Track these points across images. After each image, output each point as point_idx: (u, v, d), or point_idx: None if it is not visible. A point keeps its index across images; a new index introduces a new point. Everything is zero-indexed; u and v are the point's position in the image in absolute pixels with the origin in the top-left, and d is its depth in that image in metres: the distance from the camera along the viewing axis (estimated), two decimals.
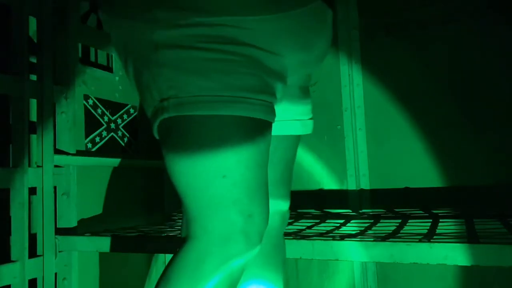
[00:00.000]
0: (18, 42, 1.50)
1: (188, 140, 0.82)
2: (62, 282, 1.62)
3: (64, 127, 1.67)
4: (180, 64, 0.82)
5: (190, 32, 0.81)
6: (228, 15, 0.82)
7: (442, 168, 1.91)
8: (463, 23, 1.93)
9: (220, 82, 0.81)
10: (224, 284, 0.82)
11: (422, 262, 1.14)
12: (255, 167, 0.85)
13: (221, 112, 0.81)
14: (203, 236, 0.82)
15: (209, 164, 0.82)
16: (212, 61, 0.81)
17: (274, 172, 1.08)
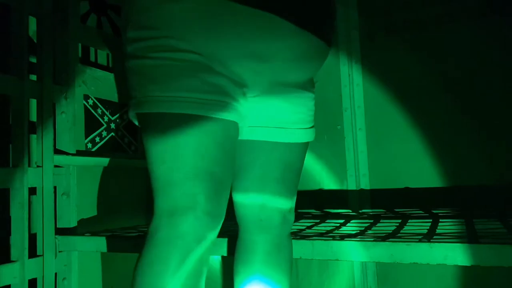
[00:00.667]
0: (18, 42, 1.50)
1: (145, 132, 1.01)
2: (62, 282, 1.62)
3: (64, 127, 1.67)
4: (137, 70, 1.01)
5: (144, 45, 1.00)
6: (170, 30, 0.98)
7: (442, 168, 1.91)
8: (463, 23, 1.93)
9: (163, 84, 0.98)
10: (181, 264, 0.95)
11: (422, 262, 1.14)
12: (194, 155, 0.97)
13: (162, 109, 0.97)
14: (156, 212, 0.98)
15: (154, 152, 1.00)
16: (159, 67, 0.98)
17: (273, 170, 1.16)
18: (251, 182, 1.17)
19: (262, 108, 1.11)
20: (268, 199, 1.16)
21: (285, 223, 1.20)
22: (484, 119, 1.86)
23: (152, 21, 1.00)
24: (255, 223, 1.19)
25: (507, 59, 1.84)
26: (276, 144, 1.16)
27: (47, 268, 1.55)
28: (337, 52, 2.13)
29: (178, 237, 0.95)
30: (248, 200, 1.18)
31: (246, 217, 1.20)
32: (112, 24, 1.95)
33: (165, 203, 0.97)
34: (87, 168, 1.78)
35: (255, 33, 0.99)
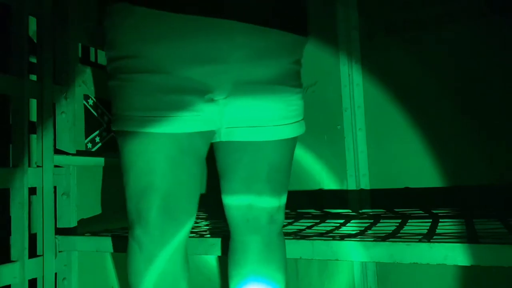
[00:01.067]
0: (18, 42, 1.50)
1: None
2: (62, 282, 1.62)
3: (64, 127, 1.67)
4: (111, 89, 1.10)
5: (114, 65, 1.08)
6: (126, 49, 1.05)
7: (442, 168, 1.91)
8: (463, 23, 1.93)
9: (123, 104, 1.06)
10: (147, 271, 1.09)
11: (422, 262, 1.14)
12: (141, 172, 1.07)
13: (118, 127, 1.08)
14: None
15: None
16: (122, 87, 1.06)
17: (258, 171, 1.17)
18: (237, 184, 1.18)
19: (236, 108, 1.11)
20: (254, 200, 1.17)
21: (273, 223, 1.20)
22: (484, 119, 1.86)
23: (113, 42, 1.08)
24: (243, 224, 1.20)
25: (507, 59, 1.84)
26: (259, 143, 1.15)
27: (47, 268, 1.55)
28: (337, 52, 2.14)
29: (137, 247, 1.09)
30: (235, 202, 1.19)
31: (234, 218, 1.21)
32: None
33: (128, 213, 1.11)
34: (87, 168, 1.78)
35: (202, 38, 1.01)
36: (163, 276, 1.10)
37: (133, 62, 1.04)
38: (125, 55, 1.05)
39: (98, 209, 1.84)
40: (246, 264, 1.21)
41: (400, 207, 1.92)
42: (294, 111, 1.17)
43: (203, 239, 1.44)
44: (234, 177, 1.18)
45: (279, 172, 1.19)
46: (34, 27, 1.63)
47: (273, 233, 1.21)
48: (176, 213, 1.09)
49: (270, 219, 1.19)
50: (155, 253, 1.08)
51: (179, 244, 1.11)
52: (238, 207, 1.19)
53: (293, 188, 2.11)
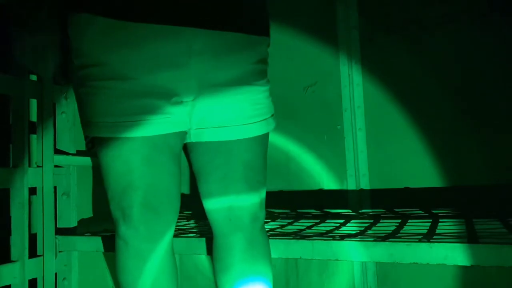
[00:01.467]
0: None
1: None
2: (62, 282, 1.62)
3: (64, 127, 1.67)
4: (79, 97, 1.15)
5: (81, 73, 1.12)
6: (90, 56, 1.09)
7: (442, 168, 1.91)
8: (463, 23, 1.93)
9: (94, 110, 1.10)
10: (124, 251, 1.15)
11: (422, 262, 1.14)
12: (119, 173, 1.12)
13: (91, 133, 1.13)
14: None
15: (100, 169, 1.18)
16: (88, 94, 1.11)
17: (233, 171, 1.19)
18: (214, 185, 1.20)
19: (203, 110, 1.14)
20: (234, 201, 1.18)
21: (256, 221, 1.22)
22: (484, 119, 1.86)
23: (79, 50, 1.12)
24: (225, 224, 1.21)
25: (508, 59, 1.84)
26: (229, 143, 1.17)
27: (47, 268, 1.55)
28: (337, 52, 2.13)
29: (124, 245, 1.14)
30: (215, 204, 1.21)
31: (215, 219, 1.23)
32: None
33: (112, 213, 1.16)
34: (87, 168, 1.78)
35: (162, 45, 1.06)
36: (151, 272, 1.14)
37: (100, 69, 1.09)
38: (91, 63, 1.10)
39: (98, 209, 1.84)
40: (232, 264, 1.23)
41: (400, 207, 1.92)
42: (260, 109, 1.20)
43: (201, 238, 1.44)
44: (210, 179, 1.20)
45: (254, 170, 1.21)
46: None
47: (255, 230, 1.23)
48: (158, 208, 1.12)
49: (252, 217, 1.21)
50: (141, 248, 1.13)
51: (164, 238, 1.15)
52: (219, 209, 1.20)
53: (293, 188, 2.11)
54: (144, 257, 1.13)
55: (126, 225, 1.12)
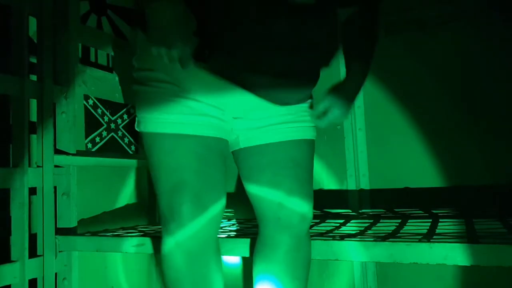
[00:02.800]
0: (18, 42, 1.50)
1: (144, 147, 1.23)
2: (62, 282, 1.62)
3: (64, 127, 1.67)
4: (138, 94, 1.20)
5: (146, 74, 1.18)
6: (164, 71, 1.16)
7: (442, 168, 1.91)
8: (463, 23, 1.93)
9: (148, 107, 1.16)
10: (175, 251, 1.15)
11: (422, 262, 1.14)
12: (167, 170, 1.15)
13: (147, 129, 1.17)
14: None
15: (149, 166, 1.21)
16: (153, 93, 1.16)
17: (284, 168, 1.22)
18: (265, 184, 1.22)
19: (253, 124, 1.25)
20: (284, 198, 1.20)
21: (304, 221, 1.22)
22: (484, 119, 1.86)
23: (152, 61, 1.16)
24: (274, 222, 1.22)
25: (507, 59, 1.84)
26: (278, 143, 1.23)
27: (47, 268, 1.55)
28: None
29: (174, 242, 1.14)
30: (265, 200, 1.22)
31: (264, 216, 1.24)
32: (112, 24, 1.95)
33: (160, 211, 1.18)
34: (87, 168, 1.78)
35: (228, 97, 1.18)
36: (199, 269, 1.15)
37: (165, 78, 1.16)
38: (157, 70, 1.17)
39: (98, 209, 1.84)
40: (273, 261, 1.23)
41: (400, 207, 1.92)
42: (305, 122, 1.29)
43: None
44: (261, 178, 1.23)
45: (302, 168, 1.25)
46: (34, 27, 1.63)
47: (302, 232, 1.23)
48: (208, 206, 1.14)
49: (301, 218, 1.21)
50: (190, 245, 1.13)
51: (212, 236, 1.18)
52: (269, 205, 1.22)
53: None
54: (193, 254, 1.14)
55: (176, 222, 1.12)
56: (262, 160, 1.23)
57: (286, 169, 1.22)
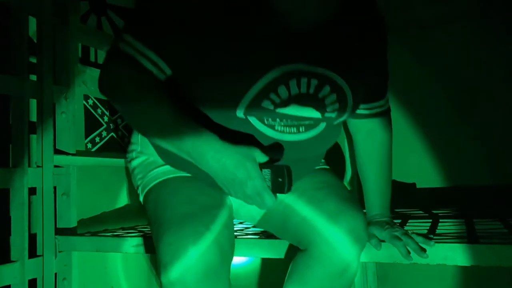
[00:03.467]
0: (18, 42, 1.50)
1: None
2: (62, 282, 1.62)
3: (64, 127, 1.66)
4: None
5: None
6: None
7: (442, 168, 1.92)
8: (463, 23, 1.93)
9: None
10: None
11: (422, 262, 1.14)
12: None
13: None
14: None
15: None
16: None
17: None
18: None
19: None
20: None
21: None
22: (485, 119, 1.86)
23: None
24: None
25: (508, 59, 1.84)
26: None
27: (47, 268, 1.55)
28: None
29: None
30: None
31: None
32: (112, 24, 1.95)
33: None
34: (87, 168, 1.77)
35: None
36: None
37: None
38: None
39: (98, 209, 1.84)
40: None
41: (400, 207, 1.92)
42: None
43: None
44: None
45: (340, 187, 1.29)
46: (34, 27, 1.63)
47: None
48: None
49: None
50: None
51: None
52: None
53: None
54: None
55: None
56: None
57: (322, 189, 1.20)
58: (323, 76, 1.06)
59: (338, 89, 1.09)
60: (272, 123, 1.06)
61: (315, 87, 1.06)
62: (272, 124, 1.06)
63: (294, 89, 1.04)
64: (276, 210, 1.20)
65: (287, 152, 1.09)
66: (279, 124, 1.07)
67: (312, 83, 1.06)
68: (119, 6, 1.99)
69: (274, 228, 1.29)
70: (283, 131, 1.08)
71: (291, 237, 1.22)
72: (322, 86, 1.07)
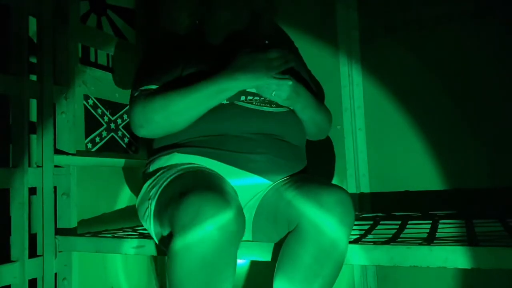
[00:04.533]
0: (18, 42, 1.50)
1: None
2: (62, 282, 1.62)
3: (64, 127, 1.66)
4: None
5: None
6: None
7: (442, 170, 1.92)
8: (463, 23, 1.93)
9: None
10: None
11: (422, 265, 1.14)
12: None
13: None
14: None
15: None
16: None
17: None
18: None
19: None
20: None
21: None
22: (485, 120, 1.86)
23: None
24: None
25: (507, 60, 1.84)
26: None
27: (47, 268, 1.55)
28: (337, 52, 2.13)
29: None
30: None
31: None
32: (112, 24, 1.94)
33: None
34: (87, 168, 1.77)
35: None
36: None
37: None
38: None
39: (98, 209, 1.84)
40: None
41: (400, 209, 1.92)
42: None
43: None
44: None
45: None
46: (34, 27, 1.63)
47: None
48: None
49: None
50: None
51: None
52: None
53: None
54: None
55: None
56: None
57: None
58: None
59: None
60: (250, 100, 1.38)
61: None
62: (250, 100, 1.38)
63: None
64: (268, 202, 1.32)
65: (270, 122, 1.37)
66: (255, 101, 1.39)
67: None
68: (119, 6, 1.99)
69: (267, 223, 1.32)
70: (260, 104, 1.38)
71: (282, 223, 1.24)
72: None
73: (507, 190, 1.78)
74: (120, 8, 1.99)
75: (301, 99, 1.43)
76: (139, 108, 1.34)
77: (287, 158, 1.38)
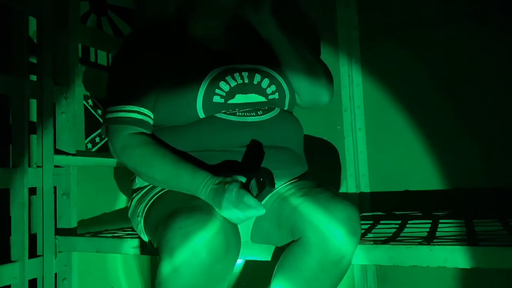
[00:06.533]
0: (18, 42, 1.50)
1: None
2: (62, 282, 1.62)
3: (64, 127, 1.66)
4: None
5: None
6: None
7: (442, 169, 1.92)
8: (463, 24, 1.93)
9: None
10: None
11: (422, 265, 1.14)
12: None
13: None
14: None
15: None
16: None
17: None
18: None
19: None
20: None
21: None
22: (484, 120, 1.86)
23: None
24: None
25: (507, 60, 1.84)
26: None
27: (47, 268, 1.55)
28: (337, 52, 2.13)
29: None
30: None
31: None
32: (112, 24, 1.95)
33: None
34: (87, 168, 1.77)
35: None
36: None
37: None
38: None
39: (98, 209, 1.84)
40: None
41: (399, 209, 1.92)
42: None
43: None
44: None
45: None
46: (34, 27, 1.63)
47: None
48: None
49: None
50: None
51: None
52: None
53: None
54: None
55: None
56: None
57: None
58: (250, 68, 1.36)
59: (267, 75, 1.37)
60: (233, 112, 1.30)
61: (247, 77, 1.34)
62: (233, 112, 1.30)
63: (232, 82, 1.31)
64: (271, 207, 1.25)
65: (257, 132, 1.29)
66: (239, 111, 1.31)
67: (244, 74, 1.34)
68: (119, 6, 1.99)
69: (269, 227, 1.28)
70: (244, 115, 1.30)
71: (286, 229, 1.21)
72: (253, 75, 1.35)
73: (507, 190, 1.78)
74: (120, 8, 1.99)
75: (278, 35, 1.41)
76: (118, 148, 1.33)
77: (280, 167, 1.29)
